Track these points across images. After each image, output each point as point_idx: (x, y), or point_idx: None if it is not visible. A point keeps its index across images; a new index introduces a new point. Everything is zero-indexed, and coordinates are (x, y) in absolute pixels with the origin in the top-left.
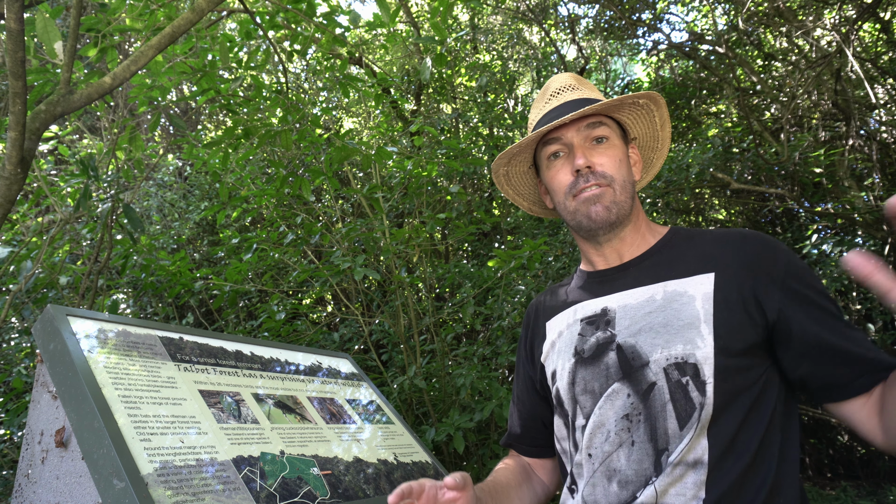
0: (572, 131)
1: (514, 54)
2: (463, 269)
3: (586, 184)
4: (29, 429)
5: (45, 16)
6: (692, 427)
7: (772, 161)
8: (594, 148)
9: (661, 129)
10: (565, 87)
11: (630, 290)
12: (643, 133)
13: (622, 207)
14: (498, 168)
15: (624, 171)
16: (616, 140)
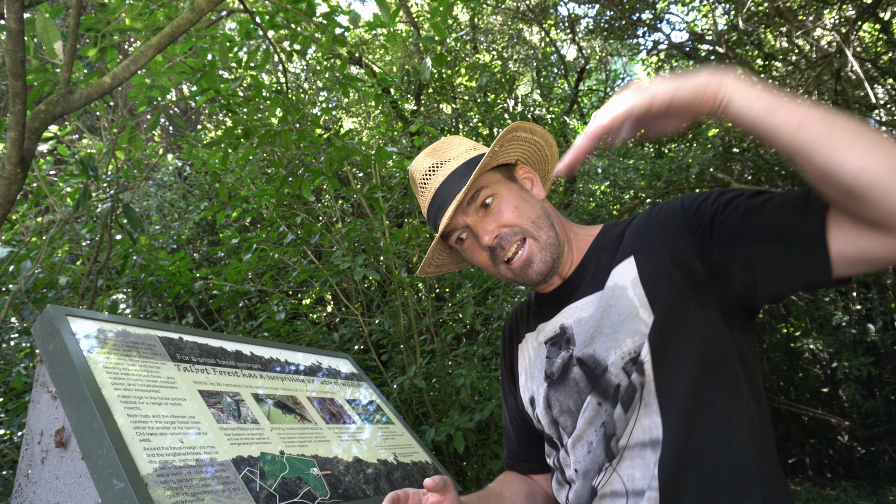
0: (459, 216)
1: (514, 54)
2: (463, 269)
3: (503, 251)
4: (28, 429)
5: (45, 16)
6: (635, 407)
7: (772, 161)
8: (487, 215)
9: (532, 135)
10: (427, 172)
11: (579, 302)
12: (520, 152)
13: (551, 245)
14: (426, 273)
15: (526, 212)
16: (501, 188)
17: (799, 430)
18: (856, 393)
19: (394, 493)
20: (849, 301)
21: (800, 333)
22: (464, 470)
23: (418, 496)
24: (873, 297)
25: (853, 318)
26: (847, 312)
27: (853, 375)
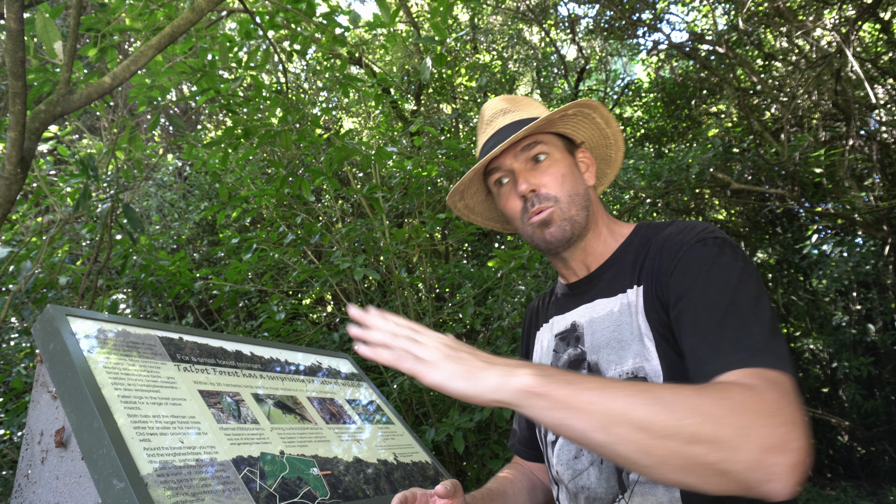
0: (510, 157)
1: (514, 54)
2: (463, 269)
3: (533, 208)
4: (28, 429)
5: (44, 16)
6: None
7: (772, 161)
8: (535, 169)
9: (607, 126)
10: (498, 112)
11: (594, 302)
12: (590, 136)
13: (575, 221)
14: (454, 204)
15: (569, 185)
16: (557, 154)
17: None
18: (856, 393)
19: (401, 493)
20: (849, 301)
21: (800, 333)
22: (464, 470)
23: (426, 497)
24: (873, 297)
25: (853, 318)
26: (847, 312)
27: (853, 375)
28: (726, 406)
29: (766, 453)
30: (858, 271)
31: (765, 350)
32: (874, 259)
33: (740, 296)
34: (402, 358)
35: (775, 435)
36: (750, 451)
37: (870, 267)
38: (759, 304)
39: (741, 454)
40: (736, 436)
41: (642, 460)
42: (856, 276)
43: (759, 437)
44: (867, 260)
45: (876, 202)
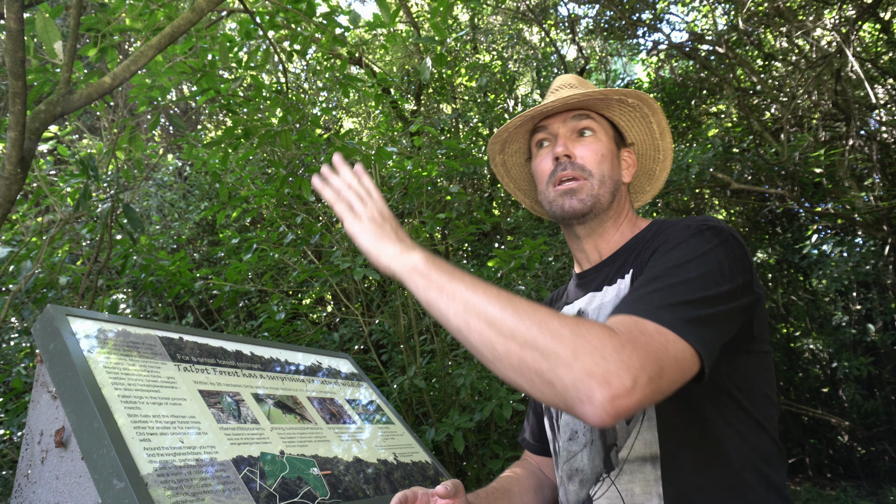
0: (558, 122)
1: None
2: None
3: (563, 172)
4: (28, 429)
5: (45, 16)
6: (638, 421)
7: (772, 161)
8: (578, 140)
9: (660, 137)
10: (564, 85)
11: (601, 290)
12: (641, 140)
13: (599, 201)
14: (494, 156)
15: (606, 167)
16: (603, 136)
17: (799, 430)
18: (856, 393)
19: (402, 492)
20: (849, 301)
21: (800, 333)
22: (464, 470)
23: (427, 497)
24: (873, 297)
25: (853, 318)
26: (847, 312)
27: (853, 375)
28: (572, 331)
29: (588, 378)
30: (858, 271)
31: (662, 308)
32: (874, 259)
33: (686, 269)
34: (342, 204)
35: (603, 367)
36: (575, 370)
37: (870, 267)
38: (701, 281)
39: (566, 370)
40: (567, 354)
41: (486, 353)
42: (856, 276)
43: (587, 363)
44: (867, 260)
45: (876, 202)
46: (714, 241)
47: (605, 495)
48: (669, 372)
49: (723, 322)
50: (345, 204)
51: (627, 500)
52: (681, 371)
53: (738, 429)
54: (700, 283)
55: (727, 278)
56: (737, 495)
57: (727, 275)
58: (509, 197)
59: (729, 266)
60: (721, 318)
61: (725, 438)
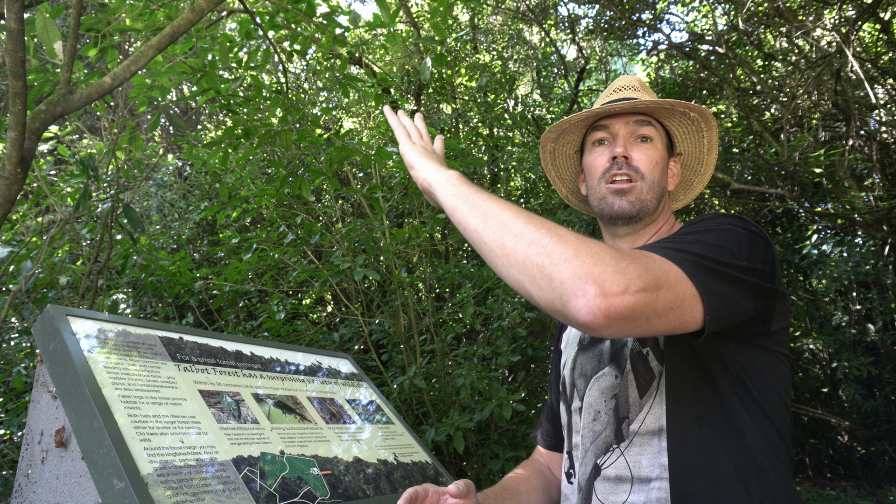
0: (620, 123)
1: (514, 54)
2: (463, 269)
3: (619, 171)
4: (29, 429)
5: (45, 16)
6: (652, 395)
7: (772, 161)
8: (636, 144)
9: (707, 152)
10: (628, 87)
11: None
12: (689, 151)
13: (646, 205)
14: (546, 143)
15: (657, 174)
16: (659, 144)
17: (799, 430)
18: (856, 393)
19: (413, 489)
20: (849, 301)
21: (800, 333)
22: (464, 470)
23: (437, 495)
24: (873, 297)
25: (853, 318)
26: (847, 312)
27: (853, 375)
28: (578, 238)
29: (584, 275)
30: (858, 271)
31: (673, 251)
32: (874, 259)
33: (704, 236)
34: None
35: (600, 268)
36: (573, 266)
37: (870, 267)
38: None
39: (565, 266)
40: (569, 253)
41: (496, 250)
42: (856, 276)
43: (586, 262)
44: (867, 260)
45: (876, 202)
46: (738, 224)
47: (613, 465)
48: (666, 294)
49: (734, 286)
50: (404, 130)
51: (634, 471)
52: (679, 300)
53: (749, 416)
54: (716, 248)
55: (745, 255)
56: (746, 476)
57: (745, 252)
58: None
59: (749, 248)
60: (733, 281)
61: (738, 421)
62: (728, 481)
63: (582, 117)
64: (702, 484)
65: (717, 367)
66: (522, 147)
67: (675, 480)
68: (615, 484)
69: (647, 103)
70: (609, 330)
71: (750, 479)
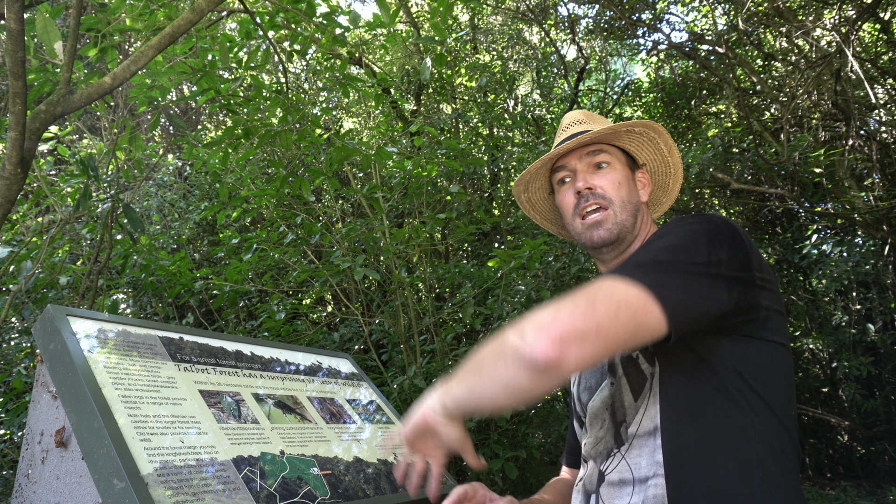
0: (574, 159)
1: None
2: (463, 269)
3: (586, 203)
4: (29, 429)
5: (45, 16)
6: (645, 396)
7: (772, 161)
8: (595, 173)
9: (668, 154)
10: (574, 122)
11: None
12: (651, 159)
13: (624, 226)
14: (519, 195)
15: (624, 192)
16: (617, 164)
17: (799, 429)
18: (856, 393)
19: (461, 487)
20: (849, 301)
21: (799, 333)
22: (464, 470)
23: (485, 498)
24: (873, 297)
25: (853, 318)
26: (847, 312)
27: (853, 375)
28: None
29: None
30: (858, 271)
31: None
32: (874, 259)
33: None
34: None
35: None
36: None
37: (869, 267)
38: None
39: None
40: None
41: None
42: (855, 276)
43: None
44: (867, 260)
45: (876, 202)
46: (693, 221)
47: (615, 469)
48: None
49: (693, 280)
50: None
51: (635, 473)
52: (624, 305)
53: (750, 408)
54: (668, 251)
55: (704, 250)
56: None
57: (704, 246)
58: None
59: (707, 241)
60: (691, 275)
61: (736, 415)
62: (726, 473)
63: (538, 166)
64: (698, 477)
65: (712, 363)
66: (522, 147)
67: (670, 475)
68: (618, 487)
69: (591, 135)
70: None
71: (751, 470)
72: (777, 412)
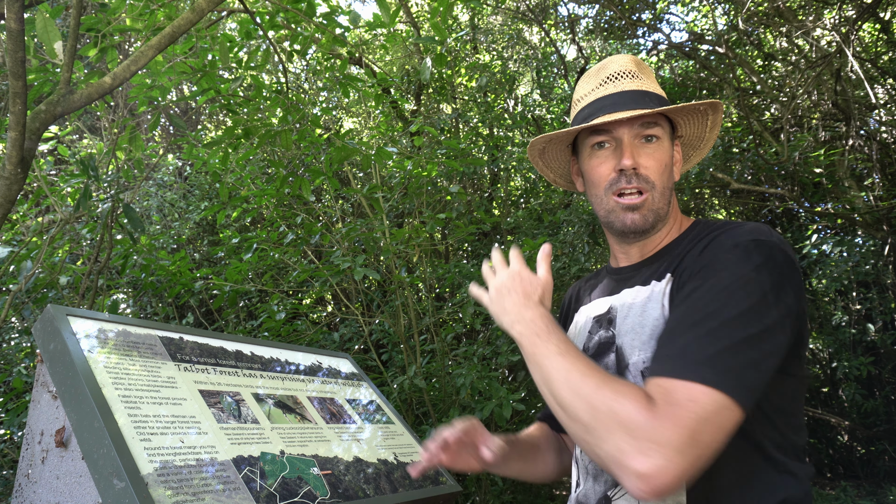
0: (625, 127)
1: (514, 54)
2: (463, 269)
3: (628, 185)
4: (29, 429)
5: (45, 16)
6: None
7: (772, 161)
8: (643, 147)
9: (709, 130)
10: (625, 74)
11: (633, 288)
12: (690, 133)
13: (658, 214)
14: (536, 144)
15: (667, 177)
16: (666, 141)
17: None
18: (856, 393)
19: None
20: (848, 301)
21: None
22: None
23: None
24: (873, 297)
25: (853, 318)
26: (847, 312)
27: (853, 375)
28: (608, 407)
29: (620, 455)
30: (858, 271)
31: (705, 363)
32: (874, 259)
33: (727, 307)
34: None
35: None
36: (609, 447)
37: (870, 267)
38: (742, 319)
39: (603, 447)
40: (602, 431)
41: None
42: (856, 276)
43: (618, 442)
44: (867, 260)
45: (876, 202)
46: (758, 260)
47: (623, 497)
48: (706, 436)
49: (768, 359)
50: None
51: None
52: (720, 428)
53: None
54: (742, 322)
55: (773, 305)
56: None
57: (772, 301)
58: (509, 197)
59: (773, 290)
60: (767, 355)
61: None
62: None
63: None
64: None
65: None
66: (522, 147)
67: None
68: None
69: (655, 112)
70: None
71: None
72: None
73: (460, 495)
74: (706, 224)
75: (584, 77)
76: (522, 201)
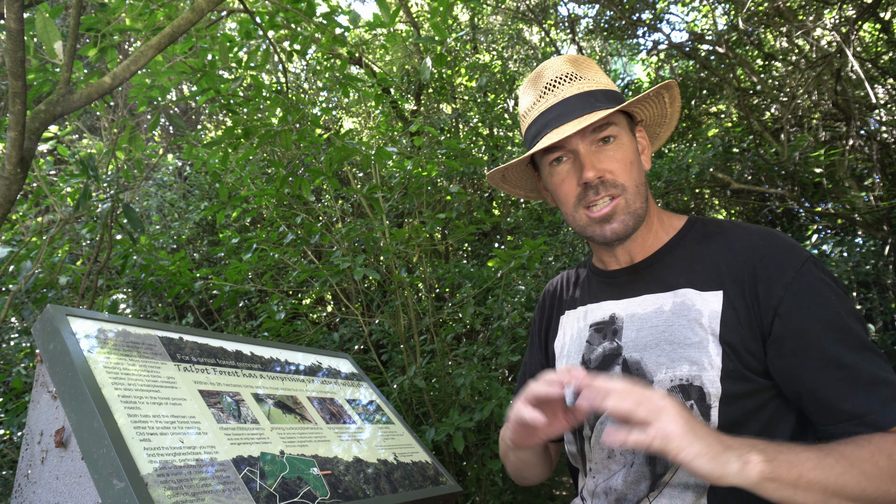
0: (576, 138)
1: (514, 54)
2: (463, 269)
3: (596, 196)
4: (28, 429)
5: (45, 16)
6: None
7: (772, 161)
8: (601, 151)
9: (670, 105)
10: (562, 78)
11: (639, 297)
12: (651, 115)
13: (638, 215)
14: (493, 176)
15: (635, 173)
16: (625, 136)
17: None
18: None
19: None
20: None
21: None
22: (464, 470)
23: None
24: (873, 297)
25: None
26: None
27: None
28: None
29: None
30: (858, 271)
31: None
32: (874, 259)
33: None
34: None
35: None
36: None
37: (870, 267)
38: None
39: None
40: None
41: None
42: (856, 276)
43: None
44: (867, 260)
45: (876, 202)
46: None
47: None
48: None
49: None
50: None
51: None
52: None
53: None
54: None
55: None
56: None
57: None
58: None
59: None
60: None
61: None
62: None
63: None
64: None
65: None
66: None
67: None
68: None
69: (600, 117)
70: None
71: None
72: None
73: (460, 495)
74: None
75: (523, 87)
76: (522, 201)
